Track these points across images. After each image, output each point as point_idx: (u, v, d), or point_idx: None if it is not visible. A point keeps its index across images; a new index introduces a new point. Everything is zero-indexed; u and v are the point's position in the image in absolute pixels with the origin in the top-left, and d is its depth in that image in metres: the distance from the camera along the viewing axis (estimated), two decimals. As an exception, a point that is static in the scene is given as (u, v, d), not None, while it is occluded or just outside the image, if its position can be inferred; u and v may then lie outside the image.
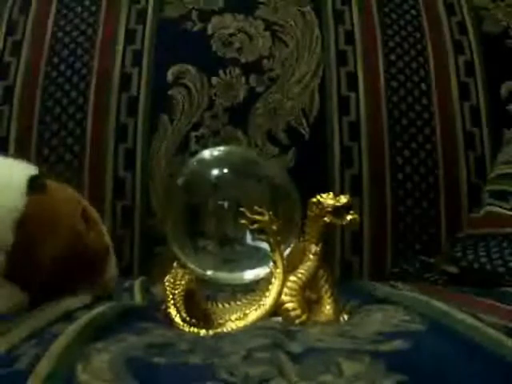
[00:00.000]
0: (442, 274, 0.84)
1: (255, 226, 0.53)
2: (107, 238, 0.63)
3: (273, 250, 0.54)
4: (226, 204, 0.58)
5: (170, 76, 0.95)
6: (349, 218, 0.53)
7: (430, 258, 0.88)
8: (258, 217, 0.53)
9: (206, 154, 0.63)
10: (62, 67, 0.97)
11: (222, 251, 0.59)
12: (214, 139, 0.92)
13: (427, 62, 0.98)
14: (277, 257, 0.54)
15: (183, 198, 0.61)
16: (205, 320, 0.54)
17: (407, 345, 0.41)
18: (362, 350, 0.40)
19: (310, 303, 0.54)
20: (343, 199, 0.54)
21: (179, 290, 0.55)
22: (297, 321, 0.52)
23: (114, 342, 0.43)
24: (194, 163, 0.63)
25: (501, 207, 0.83)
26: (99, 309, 0.52)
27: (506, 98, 0.96)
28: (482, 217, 0.85)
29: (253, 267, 0.59)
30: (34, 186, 0.57)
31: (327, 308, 0.54)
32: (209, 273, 0.60)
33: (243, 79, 0.95)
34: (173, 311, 0.54)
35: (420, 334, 0.45)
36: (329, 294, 0.54)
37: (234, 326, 0.52)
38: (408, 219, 0.92)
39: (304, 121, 0.94)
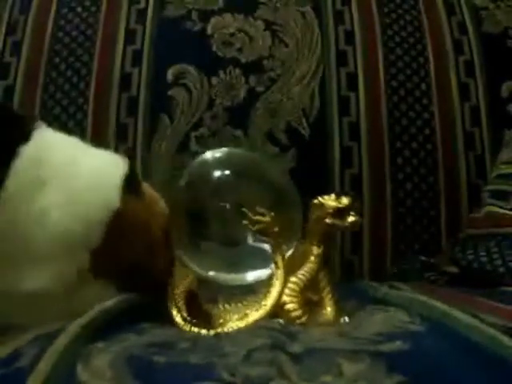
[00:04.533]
0: (442, 274, 0.84)
1: (257, 227, 0.53)
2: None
3: (274, 251, 0.54)
4: (227, 205, 0.58)
5: (170, 76, 0.95)
6: (350, 219, 0.53)
7: (430, 258, 0.88)
8: (259, 218, 0.53)
9: (208, 155, 0.63)
10: (62, 67, 0.96)
11: (224, 253, 0.59)
12: (214, 139, 0.92)
13: (427, 62, 0.98)
14: (278, 258, 0.54)
15: (185, 200, 0.61)
16: (205, 321, 0.54)
17: (408, 345, 0.41)
18: (362, 351, 0.40)
19: (310, 305, 0.54)
20: (345, 201, 0.54)
21: (181, 290, 0.55)
22: (297, 321, 0.52)
23: (115, 341, 0.43)
24: (196, 164, 0.63)
25: (501, 207, 0.83)
26: (99, 308, 0.52)
27: (506, 98, 0.96)
28: (482, 217, 0.85)
29: (255, 268, 0.59)
30: (130, 186, 0.56)
31: (328, 310, 0.54)
32: (211, 274, 0.60)
33: (243, 79, 0.95)
34: (174, 311, 0.54)
35: (420, 335, 0.45)
36: (330, 296, 0.54)
37: (235, 326, 0.52)
38: (408, 219, 0.92)
39: (304, 121, 0.94)
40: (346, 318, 0.54)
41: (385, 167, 0.93)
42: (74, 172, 0.55)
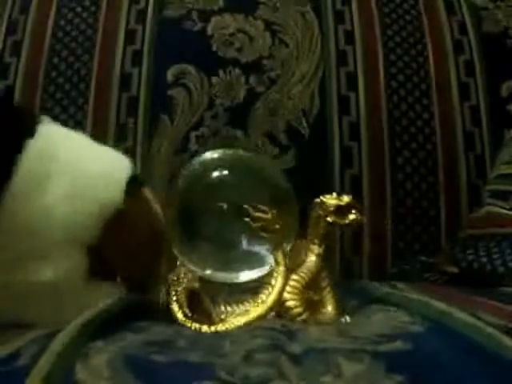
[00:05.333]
0: (442, 274, 0.84)
1: (258, 223, 0.53)
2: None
3: (275, 249, 0.54)
4: (225, 206, 0.58)
5: (170, 76, 0.95)
6: (351, 217, 0.54)
7: (430, 258, 0.88)
8: (261, 215, 0.53)
9: (207, 155, 0.64)
10: (62, 67, 0.96)
11: (219, 252, 0.59)
12: (214, 139, 0.92)
13: (427, 62, 0.98)
14: (279, 255, 0.54)
15: (183, 200, 0.62)
16: (206, 318, 0.54)
17: (407, 346, 0.41)
18: (362, 351, 0.40)
19: (311, 304, 0.54)
20: (346, 199, 0.54)
21: (182, 287, 0.55)
22: (298, 318, 0.52)
23: (113, 340, 0.43)
24: (195, 165, 0.64)
25: (501, 207, 0.83)
26: (98, 307, 0.52)
27: (506, 98, 0.96)
28: (482, 217, 0.85)
29: (249, 269, 0.59)
30: (133, 186, 0.56)
31: (329, 310, 0.54)
32: (207, 272, 0.60)
33: (243, 79, 0.95)
34: (175, 307, 0.54)
35: (420, 335, 0.45)
36: (331, 296, 0.54)
37: (236, 322, 0.52)
38: (408, 219, 0.92)
39: (304, 121, 0.94)
40: (347, 318, 0.54)
41: (385, 167, 0.93)
42: (81, 168, 0.55)
